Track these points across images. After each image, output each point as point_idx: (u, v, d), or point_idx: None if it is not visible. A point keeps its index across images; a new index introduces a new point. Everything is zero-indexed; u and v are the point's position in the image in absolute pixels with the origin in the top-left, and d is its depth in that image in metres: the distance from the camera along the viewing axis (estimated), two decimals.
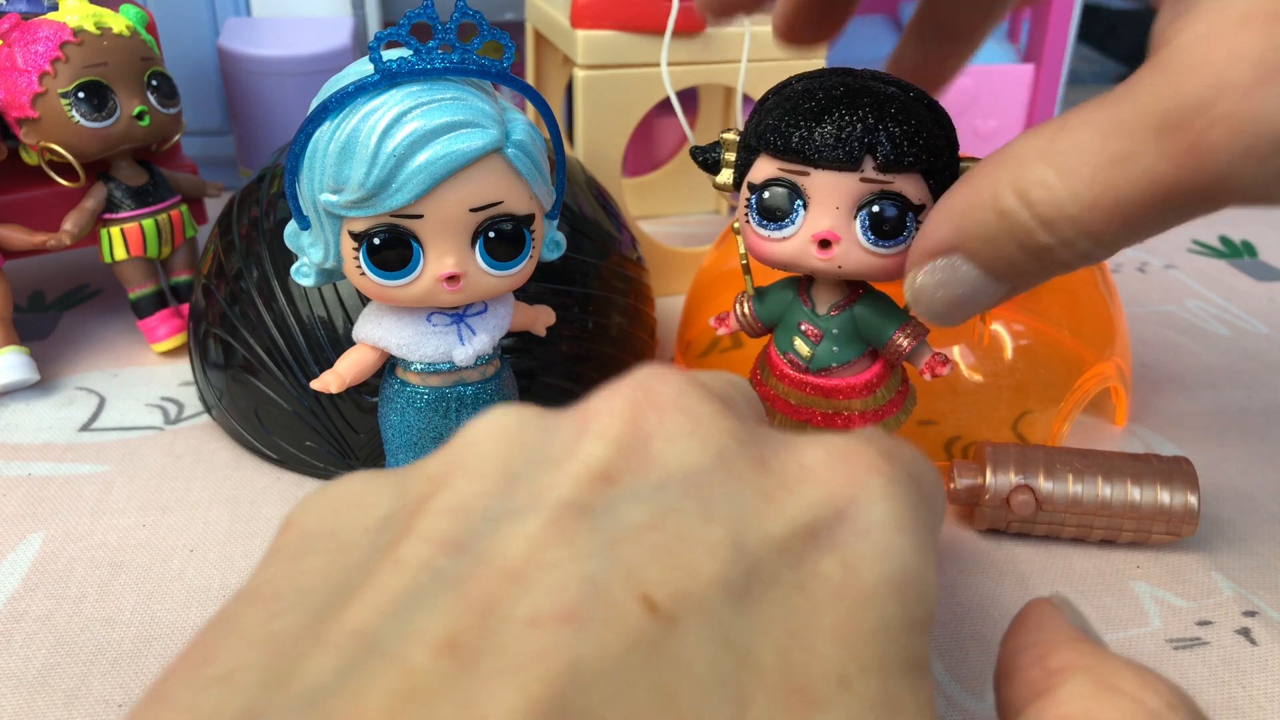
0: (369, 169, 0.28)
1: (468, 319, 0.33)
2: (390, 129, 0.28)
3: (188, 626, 0.33)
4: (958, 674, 0.32)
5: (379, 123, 0.28)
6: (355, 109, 0.29)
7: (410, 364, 0.33)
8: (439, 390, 0.34)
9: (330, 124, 0.29)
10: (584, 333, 0.43)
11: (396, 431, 0.34)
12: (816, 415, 0.36)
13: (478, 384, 0.34)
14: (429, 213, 0.29)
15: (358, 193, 0.29)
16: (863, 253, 0.33)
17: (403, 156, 0.28)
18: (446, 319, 0.33)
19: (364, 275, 0.30)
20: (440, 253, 0.30)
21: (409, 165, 0.28)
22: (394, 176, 0.28)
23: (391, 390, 0.34)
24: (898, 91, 0.32)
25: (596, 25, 0.50)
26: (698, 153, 0.36)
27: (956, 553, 0.38)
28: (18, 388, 0.47)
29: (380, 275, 0.30)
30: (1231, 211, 0.62)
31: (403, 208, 0.29)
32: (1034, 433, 0.41)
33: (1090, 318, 0.45)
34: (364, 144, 0.28)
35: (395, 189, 0.29)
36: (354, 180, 0.28)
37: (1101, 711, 0.18)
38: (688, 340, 0.49)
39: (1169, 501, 0.36)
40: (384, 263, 0.30)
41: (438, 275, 0.31)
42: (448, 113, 0.29)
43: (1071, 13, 0.69)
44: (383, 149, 0.28)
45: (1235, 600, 0.36)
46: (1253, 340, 0.55)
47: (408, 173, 0.28)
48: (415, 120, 0.28)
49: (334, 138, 0.29)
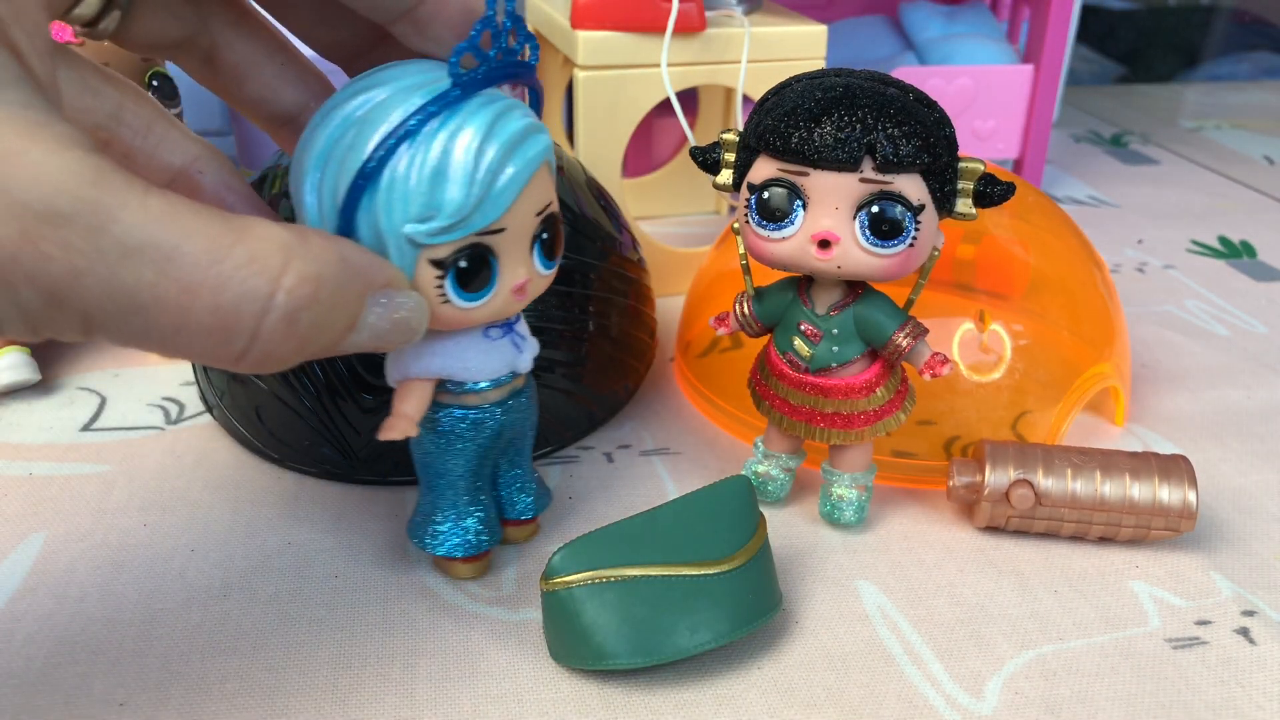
0: (468, 189, 0.27)
1: (514, 326, 0.33)
2: (483, 145, 0.27)
3: (188, 626, 0.34)
4: (958, 674, 0.32)
5: (471, 140, 0.27)
6: (431, 132, 0.27)
7: (473, 385, 0.32)
8: (499, 405, 0.33)
9: (409, 152, 0.27)
10: (584, 333, 0.43)
11: (457, 460, 0.33)
12: (816, 415, 0.36)
13: (525, 390, 0.34)
14: (510, 225, 0.29)
15: (453, 217, 0.27)
16: (862, 253, 0.33)
17: (496, 171, 0.27)
18: (500, 331, 0.32)
19: (447, 302, 0.29)
20: (513, 263, 0.30)
21: (500, 179, 0.27)
22: (488, 193, 0.27)
23: (449, 420, 0.33)
24: (897, 93, 0.32)
25: (597, 26, 0.50)
26: (698, 153, 0.36)
27: (955, 551, 0.38)
28: (19, 388, 0.47)
29: (465, 298, 0.29)
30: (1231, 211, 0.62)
31: (491, 224, 0.28)
32: (1033, 432, 0.42)
33: (1089, 318, 0.45)
34: (459, 164, 0.27)
35: (489, 206, 0.28)
36: (452, 203, 0.27)
37: None
38: (688, 340, 0.49)
39: (1167, 498, 0.36)
40: (470, 285, 0.29)
41: (512, 286, 0.30)
42: (517, 121, 0.28)
43: (1070, 13, 0.69)
44: (480, 166, 0.27)
45: (1234, 600, 0.36)
46: (1252, 340, 0.55)
47: (499, 187, 0.28)
48: (500, 133, 0.27)
49: (419, 164, 0.27)
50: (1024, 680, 0.32)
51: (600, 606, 0.30)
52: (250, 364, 0.22)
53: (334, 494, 0.40)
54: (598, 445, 0.44)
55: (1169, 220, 0.72)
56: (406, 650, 0.33)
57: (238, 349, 0.21)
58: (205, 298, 0.20)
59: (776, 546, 0.38)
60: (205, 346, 0.21)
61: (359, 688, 0.31)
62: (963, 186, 0.33)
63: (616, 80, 0.51)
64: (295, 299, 0.22)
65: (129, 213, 0.19)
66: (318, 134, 0.27)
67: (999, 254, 0.45)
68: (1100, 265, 0.47)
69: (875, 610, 0.35)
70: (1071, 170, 0.83)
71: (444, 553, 0.35)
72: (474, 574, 0.36)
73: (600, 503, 0.40)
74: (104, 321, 0.20)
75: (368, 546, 0.38)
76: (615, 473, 0.42)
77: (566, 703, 0.31)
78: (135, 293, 0.19)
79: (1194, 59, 1.21)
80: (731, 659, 0.32)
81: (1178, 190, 0.79)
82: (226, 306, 0.20)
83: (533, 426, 0.36)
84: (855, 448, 0.37)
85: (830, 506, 0.38)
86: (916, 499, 0.41)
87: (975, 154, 0.32)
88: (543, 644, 0.33)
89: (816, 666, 0.32)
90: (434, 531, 0.34)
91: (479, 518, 0.35)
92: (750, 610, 0.32)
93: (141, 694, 0.31)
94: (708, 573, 0.31)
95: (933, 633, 0.34)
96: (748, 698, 0.31)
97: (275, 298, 0.21)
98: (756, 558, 0.32)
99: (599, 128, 0.52)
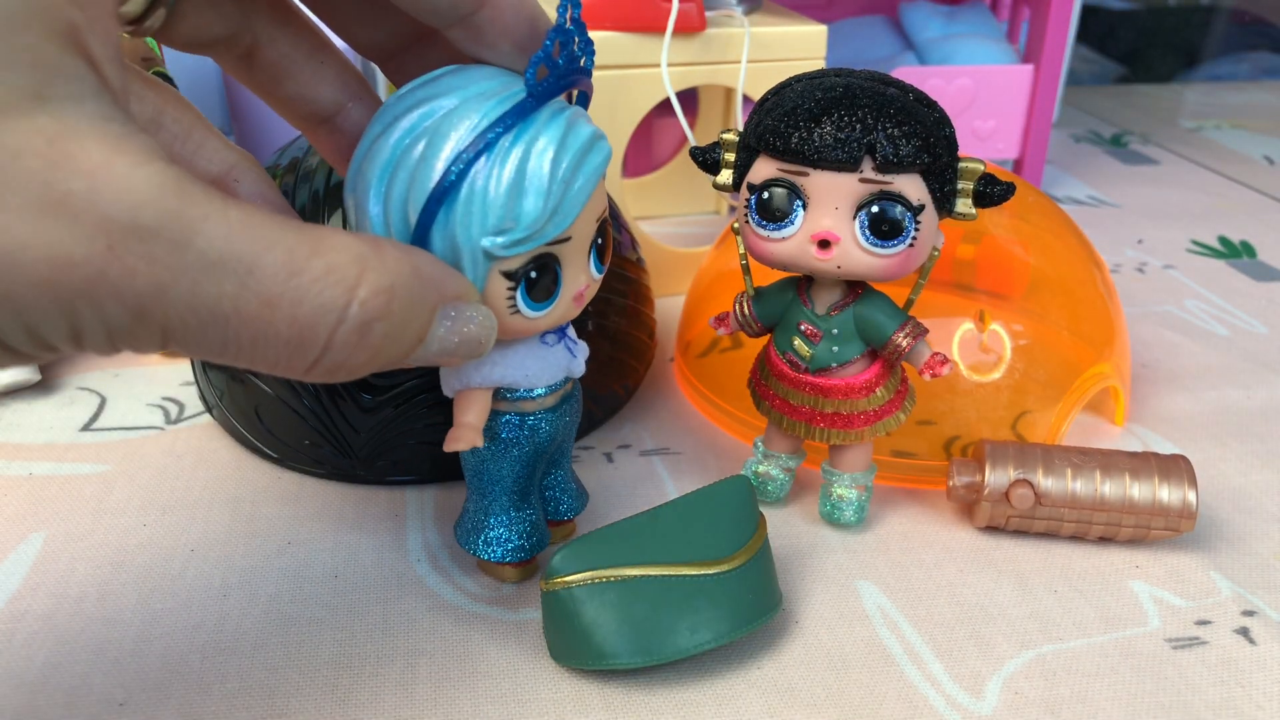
0: (546, 199, 0.27)
1: (566, 332, 0.33)
2: (558, 156, 0.27)
3: (188, 626, 0.34)
4: (957, 673, 0.32)
5: (547, 150, 0.27)
6: (507, 145, 0.26)
7: (530, 392, 0.32)
8: (554, 410, 0.33)
9: (486, 164, 0.26)
10: (583, 333, 0.43)
11: (512, 466, 0.33)
12: (816, 415, 0.36)
13: (573, 392, 0.34)
14: (575, 233, 0.29)
15: (530, 228, 0.27)
16: (862, 253, 0.33)
17: (569, 180, 0.27)
18: (555, 337, 0.32)
19: (517, 313, 0.29)
20: (575, 271, 0.30)
21: (573, 188, 0.27)
22: (562, 202, 0.27)
23: (508, 427, 0.33)
24: (897, 93, 0.32)
25: (596, 25, 0.50)
26: (698, 153, 0.36)
27: (955, 551, 0.38)
28: (19, 388, 0.47)
29: (534, 308, 0.29)
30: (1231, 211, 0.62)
31: (561, 234, 0.28)
32: (1033, 432, 0.42)
33: (1089, 318, 0.45)
34: (537, 174, 0.27)
35: (562, 216, 0.28)
36: (529, 215, 0.27)
37: None
38: (688, 340, 0.49)
39: (1167, 498, 0.36)
40: (539, 294, 0.29)
41: (574, 294, 0.30)
42: (585, 130, 0.28)
43: (1070, 13, 0.69)
44: (556, 176, 0.27)
45: (1234, 600, 0.36)
46: (1251, 340, 0.55)
47: (572, 196, 0.28)
48: (572, 144, 0.27)
49: (497, 177, 0.26)
50: (1024, 680, 0.32)
51: (600, 606, 0.30)
52: (320, 373, 0.22)
53: (334, 494, 0.40)
54: (598, 445, 0.44)
55: (1169, 220, 0.72)
56: (406, 650, 0.33)
57: (310, 359, 0.21)
58: (285, 309, 0.20)
59: (776, 546, 0.38)
60: (280, 357, 0.21)
61: (359, 688, 0.31)
62: (962, 186, 0.33)
63: (616, 80, 0.51)
64: (369, 310, 0.21)
65: (211, 225, 0.19)
66: (382, 142, 0.27)
67: (999, 254, 0.45)
68: (1100, 265, 0.47)
69: (875, 610, 0.35)
70: (1071, 170, 0.83)
71: (498, 559, 0.34)
72: (522, 577, 0.36)
73: (600, 503, 0.40)
74: (184, 335, 0.20)
75: (368, 546, 0.38)
76: (615, 473, 0.42)
77: (566, 703, 0.31)
78: (217, 305, 0.19)
79: (1194, 59, 1.21)
80: (731, 659, 0.32)
81: (1178, 190, 0.79)
82: (304, 319, 0.20)
83: (576, 429, 0.36)
84: (855, 448, 0.37)
85: (830, 506, 0.38)
86: (916, 499, 0.41)
87: (975, 154, 0.32)
88: (543, 644, 0.33)
89: (816, 666, 0.32)
90: (488, 538, 0.34)
91: (531, 523, 0.35)
92: (750, 610, 0.32)
93: (141, 694, 0.31)
94: (708, 573, 0.31)
95: (933, 633, 0.34)
96: (748, 698, 0.31)
97: (350, 309, 0.21)
98: (756, 558, 0.32)
99: (599, 127, 0.52)
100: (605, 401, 0.45)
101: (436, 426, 0.39)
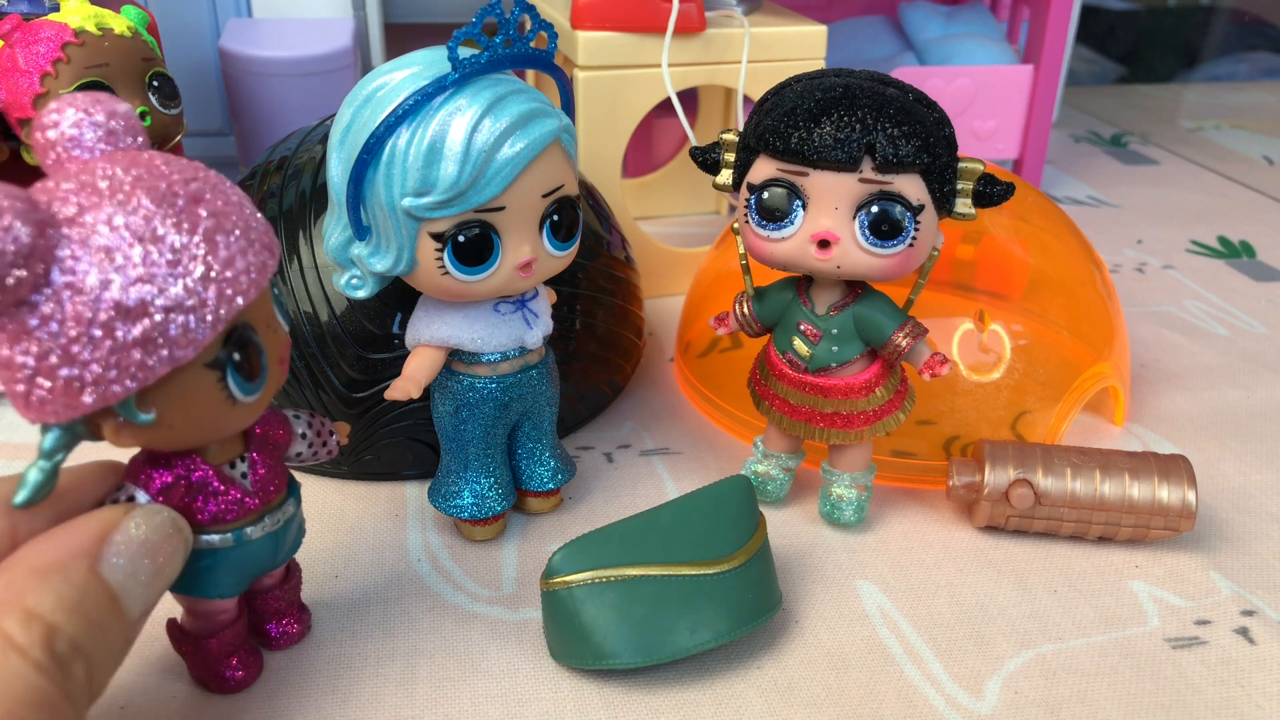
0: (461, 167, 0.29)
1: (528, 303, 0.34)
2: (478, 125, 0.29)
3: None
4: (957, 673, 0.32)
5: (466, 120, 0.29)
6: (432, 111, 0.29)
7: (481, 357, 0.34)
8: (509, 377, 0.35)
9: (408, 129, 0.29)
10: (571, 332, 0.43)
11: (468, 426, 0.35)
12: (816, 415, 0.36)
13: (539, 365, 0.35)
14: (510, 203, 0.30)
15: (448, 192, 0.29)
16: (862, 253, 0.33)
17: (491, 151, 0.29)
18: (511, 306, 0.34)
19: (447, 274, 0.31)
20: (517, 241, 0.31)
21: (497, 159, 0.29)
22: (484, 171, 0.29)
23: (459, 388, 0.35)
24: (896, 93, 0.32)
25: (597, 26, 0.50)
26: (697, 153, 0.36)
27: (955, 551, 0.38)
28: None
29: (464, 271, 0.31)
30: (1231, 212, 0.61)
31: (489, 202, 0.30)
32: (1033, 432, 0.42)
33: (1089, 318, 0.45)
34: (453, 143, 0.29)
35: (485, 184, 0.29)
36: (445, 180, 0.29)
37: None
38: (688, 340, 0.49)
39: (1167, 497, 0.36)
40: (468, 258, 0.31)
41: (516, 264, 0.32)
42: (522, 103, 0.30)
43: (1070, 14, 0.69)
44: (473, 145, 0.29)
45: (1233, 600, 0.36)
46: (1251, 340, 0.55)
47: (496, 166, 0.29)
48: (499, 114, 0.29)
49: (416, 141, 0.29)
50: (1023, 680, 0.32)
51: (600, 606, 0.31)
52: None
53: (334, 494, 0.40)
54: (598, 445, 0.44)
55: (1169, 220, 0.72)
56: (406, 650, 0.33)
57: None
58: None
59: (776, 546, 0.38)
60: None
61: (359, 688, 0.31)
62: (962, 187, 0.33)
63: (616, 80, 0.51)
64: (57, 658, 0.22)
65: None
66: (344, 109, 0.30)
67: (998, 254, 0.45)
68: (1100, 265, 0.47)
69: (875, 610, 0.35)
70: (1071, 170, 0.83)
71: (454, 513, 0.36)
72: (487, 535, 0.37)
73: (600, 503, 0.40)
74: None
75: (368, 546, 0.38)
76: (615, 473, 0.42)
77: (566, 703, 0.31)
78: None
79: (1193, 59, 1.21)
80: (731, 659, 0.32)
81: (1177, 190, 0.79)
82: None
83: (550, 402, 0.37)
84: (855, 447, 0.37)
85: (830, 506, 0.38)
86: (916, 499, 0.41)
87: (975, 154, 0.32)
88: (543, 644, 0.33)
89: (816, 666, 0.32)
90: (447, 493, 0.36)
91: (489, 483, 0.36)
92: (750, 610, 0.32)
93: (141, 694, 0.31)
94: (707, 572, 0.31)
95: (932, 632, 0.34)
96: (748, 698, 0.31)
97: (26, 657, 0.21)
98: (756, 557, 0.32)
99: (599, 128, 0.52)
100: (591, 399, 0.45)
101: (417, 425, 0.40)
